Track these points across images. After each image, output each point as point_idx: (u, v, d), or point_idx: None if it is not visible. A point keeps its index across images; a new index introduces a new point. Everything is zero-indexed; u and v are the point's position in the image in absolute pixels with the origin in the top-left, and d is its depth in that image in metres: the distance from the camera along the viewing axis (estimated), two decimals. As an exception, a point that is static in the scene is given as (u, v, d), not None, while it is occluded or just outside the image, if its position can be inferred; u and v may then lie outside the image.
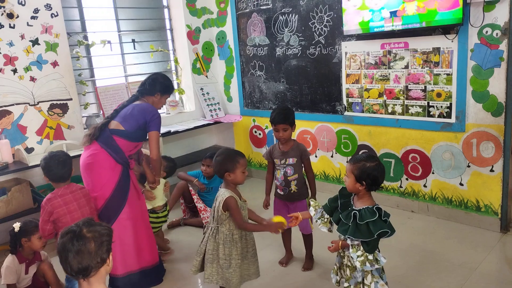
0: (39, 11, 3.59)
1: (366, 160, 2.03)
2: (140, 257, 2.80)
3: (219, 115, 4.96)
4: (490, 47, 3.02)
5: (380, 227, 1.94)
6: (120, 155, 2.72)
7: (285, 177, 2.83)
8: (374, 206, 2.01)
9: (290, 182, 2.83)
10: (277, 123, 2.78)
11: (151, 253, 2.88)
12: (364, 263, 1.95)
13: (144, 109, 2.81)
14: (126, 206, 2.74)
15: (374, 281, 2.00)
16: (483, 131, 3.17)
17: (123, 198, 2.73)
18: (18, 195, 3.25)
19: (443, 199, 3.51)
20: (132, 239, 2.76)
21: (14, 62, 3.50)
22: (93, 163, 2.69)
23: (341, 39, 3.82)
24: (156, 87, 2.91)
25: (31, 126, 3.63)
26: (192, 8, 4.74)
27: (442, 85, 3.30)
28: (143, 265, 2.82)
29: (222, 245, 2.32)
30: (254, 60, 4.65)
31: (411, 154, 3.62)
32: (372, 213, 1.97)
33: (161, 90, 2.93)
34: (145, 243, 2.84)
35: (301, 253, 3.09)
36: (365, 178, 1.99)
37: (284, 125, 2.77)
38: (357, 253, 1.97)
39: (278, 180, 2.88)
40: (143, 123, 2.78)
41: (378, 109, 3.72)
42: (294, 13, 4.14)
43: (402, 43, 3.44)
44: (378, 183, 2.02)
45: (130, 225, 2.75)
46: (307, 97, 4.24)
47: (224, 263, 2.32)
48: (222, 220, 2.32)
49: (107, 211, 2.70)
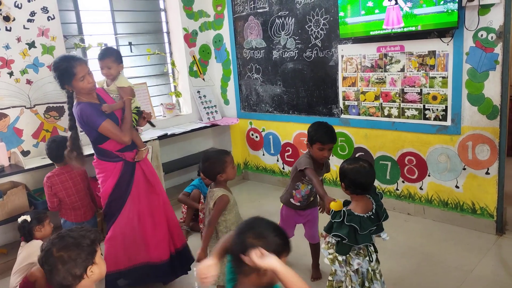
0: (36, 14, 3.59)
1: (348, 162, 2.11)
2: (145, 252, 2.76)
3: (216, 118, 4.97)
4: (485, 51, 3.04)
5: (337, 231, 1.98)
6: (110, 155, 2.66)
7: (310, 191, 2.73)
8: (346, 209, 2.03)
9: (312, 194, 2.76)
10: (327, 143, 2.56)
11: (158, 249, 2.77)
12: (334, 261, 2.04)
13: (76, 115, 2.59)
14: (129, 202, 2.70)
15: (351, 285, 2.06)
16: (478, 134, 3.19)
17: (124, 194, 2.70)
18: (13, 198, 3.25)
19: (439, 202, 3.53)
20: (136, 234, 2.73)
21: (11, 65, 3.49)
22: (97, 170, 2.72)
23: (338, 42, 3.83)
24: (58, 82, 2.59)
25: (27, 129, 3.62)
26: (189, 11, 4.75)
27: (437, 88, 3.32)
28: (149, 260, 2.77)
29: None
30: (251, 63, 4.66)
31: (407, 156, 3.63)
32: (340, 215, 2.01)
33: (60, 80, 2.57)
34: (151, 239, 2.75)
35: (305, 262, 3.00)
36: (343, 179, 2.07)
37: (333, 144, 2.59)
38: (329, 251, 2.07)
39: (301, 193, 2.74)
40: (87, 129, 2.59)
41: (374, 112, 3.73)
42: (290, 16, 4.16)
43: (398, 46, 3.46)
44: (357, 185, 2.03)
45: (134, 221, 2.71)
46: (304, 100, 4.26)
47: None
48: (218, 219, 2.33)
49: (109, 208, 2.71)
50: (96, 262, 1.52)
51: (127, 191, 2.71)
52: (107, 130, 2.54)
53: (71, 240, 1.50)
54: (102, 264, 1.56)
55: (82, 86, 2.54)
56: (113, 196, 2.68)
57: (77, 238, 1.50)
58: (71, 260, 1.46)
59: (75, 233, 1.53)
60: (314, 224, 2.84)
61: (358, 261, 2.02)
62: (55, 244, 1.49)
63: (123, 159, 2.69)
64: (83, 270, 1.47)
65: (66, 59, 2.58)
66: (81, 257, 1.48)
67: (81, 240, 1.50)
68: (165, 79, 4.93)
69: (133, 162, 2.73)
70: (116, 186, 2.67)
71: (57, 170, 3.09)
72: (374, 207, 2.06)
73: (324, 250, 2.08)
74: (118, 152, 2.66)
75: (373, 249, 2.09)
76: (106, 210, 2.73)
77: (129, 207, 2.71)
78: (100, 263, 1.55)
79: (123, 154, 2.68)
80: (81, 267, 1.47)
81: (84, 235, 1.53)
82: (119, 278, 2.74)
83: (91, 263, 1.50)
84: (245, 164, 5.09)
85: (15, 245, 3.50)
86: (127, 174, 2.70)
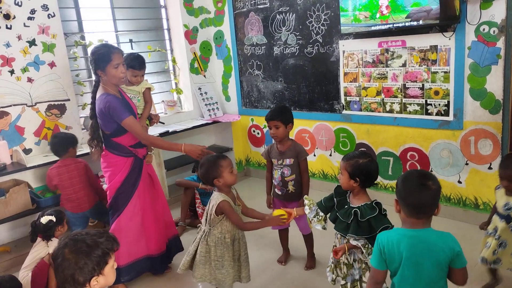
0: (36, 12, 3.59)
1: (359, 156, 2.04)
2: (146, 246, 2.86)
3: (217, 114, 4.96)
4: (487, 45, 3.02)
5: (382, 222, 1.94)
6: (124, 150, 2.73)
7: (282, 177, 2.83)
8: (373, 202, 2.01)
9: (287, 182, 2.83)
10: (268, 120, 2.78)
11: (158, 242, 2.91)
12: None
13: (98, 105, 2.63)
14: (135, 197, 2.78)
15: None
16: (481, 129, 3.18)
17: (131, 189, 2.77)
18: (16, 196, 3.25)
19: (442, 197, 3.52)
20: (139, 229, 2.81)
21: (11, 63, 3.49)
22: (105, 164, 2.78)
23: (339, 38, 3.82)
24: (92, 66, 2.65)
25: (28, 127, 3.62)
26: (190, 8, 4.74)
27: (439, 83, 3.30)
28: (149, 253, 2.89)
29: (214, 248, 2.33)
30: (252, 60, 4.65)
31: (409, 152, 3.62)
32: (372, 208, 1.98)
33: (96, 64, 2.61)
34: (153, 233, 2.88)
35: (300, 252, 3.10)
36: (359, 175, 2.00)
37: (275, 122, 2.75)
38: (369, 251, 1.97)
39: (276, 180, 2.87)
40: (108, 120, 2.62)
41: (376, 108, 3.72)
42: (291, 12, 4.14)
43: (399, 41, 3.44)
44: (372, 179, 2.03)
45: (138, 216, 2.80)
46: (305, 96, 4.24)
47: (217, 264, 2.33)
48: (215, 223, 2.32)
49: (116, 202, 2.76)
50: (104, 274, 1.49)
51: (134, 186, 2.78)
52: (130, 125, 2.61)
53: (83, 246, 1.47)
54: (110, 275, 1.52)
55: (114, 74, 2.61)
56: (121, 190, 2.74)
57: (90, 246, 1.47)
58: (77, 268, 1.44)
59: (90, 240, 1.49)
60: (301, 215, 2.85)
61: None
62: (68, 245, 1.47)
63: (134, 155, 2.76)
64: (87, 279, 1.45)
65: (106, 46, 2.73)
66: (88, 266, 1.45)
67: (93, 249, 1.47)
68: (166, 76, 4.93)
69: (142, 158, 2.83)
70: (125, 181, 2.74)
71: (58, 163, 3.30)
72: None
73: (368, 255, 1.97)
74: (131, 148, 2.75)
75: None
76: (112, 203, 2.78)
77: (135, 201, 2.78)
78: (109, 274, 1.51)
79: (136, 150, 2.78)
80: (85, 276, 1.44)
81: (99, 244, 1.49)
82: (119, 276, 2.75)
83: (97, 274, 1.47)
84: (247, 160, 5.09)
85: (18, 242, 3.52)
86: (136, 170, 2.78)
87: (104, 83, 2.66)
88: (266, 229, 3.32)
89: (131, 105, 2.80)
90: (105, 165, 2.78)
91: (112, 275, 1.53)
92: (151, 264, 2.92)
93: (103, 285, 1.50)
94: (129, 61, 3.00)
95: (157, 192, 2.95)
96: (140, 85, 3.14)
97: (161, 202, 2.98)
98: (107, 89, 2.65)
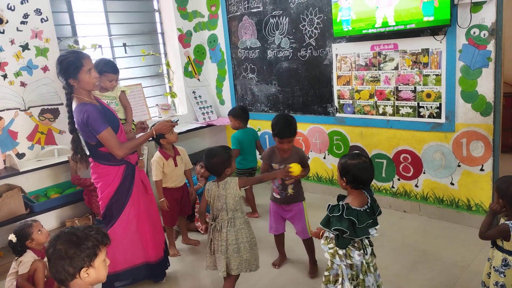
0: (29, 16, 3.58)
1: (350, 157, 2.11)
2: (143, 252, 2.81)
3: (212, 118, 4.97)
4: (478, 48, 3.06)
5: (338, 225, 1.99)
6: (114, 159, 2.63)
7: (282, 181, 2.79)
8: (344, 203, 2.04)
9: (287, 186, 2.80)
10: (285, 138, 2.67)
11: (155, 248, 2.85)
12: (334, 256, 2.04)
13: (76, 117, 2.51)
14: (129, 205, 2.71)
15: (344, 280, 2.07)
16: (472, 131, 3.21)
17: (125, 197, 2.70)
18: (9, 201, 3.23)
19: (435, 199, 3.54)
20: (135, 236, 2.76)
21: (4, 68, 3.48)
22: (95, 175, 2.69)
23: (332, 41, 3.84)
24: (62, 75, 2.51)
25: (22, 131, 3.61)
26: (183, 12, 4.75)
27: (431, 85, 3.33)
28: (147, 260, 2.83)
29: (243, 229, 2.47)
30: (245, 63, 4.67)
31: (403, 154, 3.64)
32: (338, 209, 2.02)
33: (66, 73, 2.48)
34: (149, 239, 2.81)
35: (298, 256, 3.08)
36: (345, 174, 2.07)
37: (291, 138, 2.70)
38: (329, 245, 2.07)
39: (275, 183, 2.84)
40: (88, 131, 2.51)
41: (369, 110, 3.74)
42: (284, 15, 4.16)
43: (391, 45, 3.47)
44: (359, 181, 2.05)
45: (133, 223, 2.74)
46: (299, 99, 4.26)
47: (251, 244, 2.48)
48: (237, 205, 2.46)
49: (109, 211, 2.70)
50: (95, 266, 1.50)
51: (128, 193, 2.72)
52: (105, 139, 2.49)
53: (74, 238, 1.49)
54: (102, 269, 1.53)
55: (88, 80, 2.51)
56: (114, 199, 2.68)
57: (81, 238, 1.49)
58: (67, 257, 1.46)
59: (81, 232, 1.52)
60: (300, 219, 2.87)
61: (358, 253, 2.03)
62: (61, 237, 1.50)
63: (126, 162, 2.68)
64: (77, 270, 1.47)
65: (74, 52, 2.60)
66: (78, 257, 1.47)
67: (84, 240, 1.49)
68: (160, 80, 4.93)
69: (134, 164, 2.75)
70: (118, 189, 2.67)
71: None
72: (369, 201, 2.09)
73: (324, 245, 2.10)
74: None
75: (367, 243, 2.11)
76: (105, 213, 2.71)
77: (129, 209, 2.72)
78: (100, 268, 1.52)
79: (128, 156, 2.67)
80: (75, 266, 1.46)
81: (89, 236, 1.51)
82: (116, 280, 2.76)
83: (87, 266, 1.48)
84: (241, 164, 5.09)
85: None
86: (129, 177, 2.71)
87: (77, 92, 2.53)
88: (262, 232, 3.35)
89: (111, 111, 2.69)
90: (95, 176, 2.68)
91: (104, 271, 1.55)
92: (150, 272, 2.87)
93: (95, 279, 1.52)
94: (102, 66, 2.96)
95: (150, 197, 2.90)
96: (114, 90, 3.11)
97: (155, 207, 2.95)
98: (82, 98, 2.52)
